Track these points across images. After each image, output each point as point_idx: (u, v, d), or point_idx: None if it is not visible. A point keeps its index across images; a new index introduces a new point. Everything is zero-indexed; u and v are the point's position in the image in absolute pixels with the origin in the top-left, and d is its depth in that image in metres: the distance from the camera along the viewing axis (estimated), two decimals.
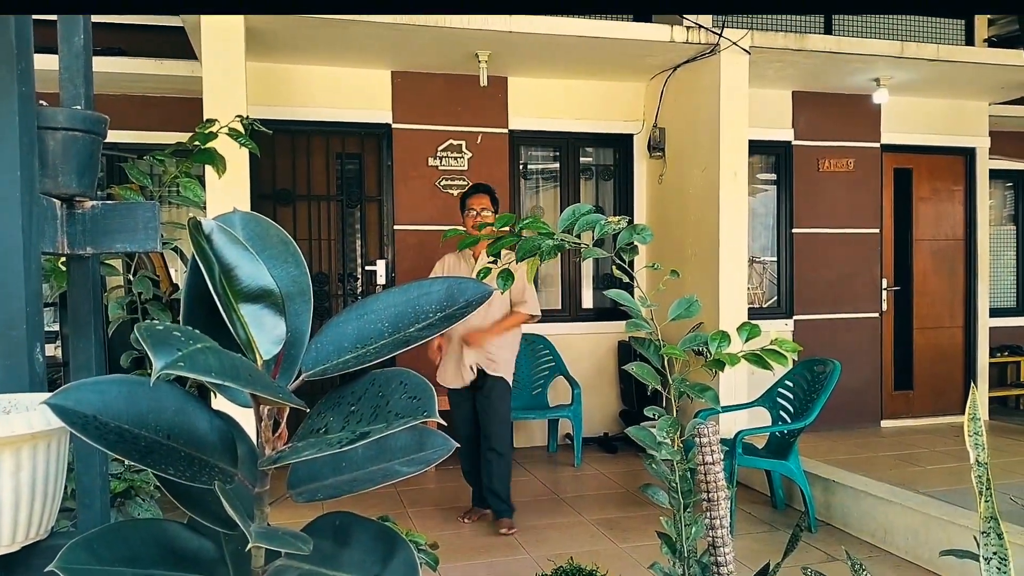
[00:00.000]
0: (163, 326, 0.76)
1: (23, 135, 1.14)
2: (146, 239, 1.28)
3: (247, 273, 0.88)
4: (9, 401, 1.10)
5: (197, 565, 0.95)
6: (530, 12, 5.42)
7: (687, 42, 5.63)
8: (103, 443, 0.80)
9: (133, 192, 2.14)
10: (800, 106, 6.92)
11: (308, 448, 0.83)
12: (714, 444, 1.74)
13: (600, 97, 6.71)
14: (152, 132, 5.98)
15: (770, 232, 7.06)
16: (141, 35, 6.06)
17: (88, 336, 1.33)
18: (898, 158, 7.26)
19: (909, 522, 4.17)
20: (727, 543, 1.74)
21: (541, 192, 7.02)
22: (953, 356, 7.52)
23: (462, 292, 0.98)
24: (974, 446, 1.84)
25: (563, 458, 6.28)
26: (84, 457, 1.28)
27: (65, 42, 1.34)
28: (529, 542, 4.36)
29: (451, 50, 5.70)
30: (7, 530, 0.99)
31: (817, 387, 4.73)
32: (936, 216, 7.44)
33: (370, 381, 0.92)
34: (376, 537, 0.95)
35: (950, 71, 6.31)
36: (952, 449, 6.20)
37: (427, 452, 1.02)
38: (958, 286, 7.51)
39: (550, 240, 1.73)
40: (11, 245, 1.13)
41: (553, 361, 6.43)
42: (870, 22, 6.85)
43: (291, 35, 5.33)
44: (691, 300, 1.67)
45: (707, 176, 5.83)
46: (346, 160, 6.48)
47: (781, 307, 6.98)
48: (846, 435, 6.67)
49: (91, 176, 1.28)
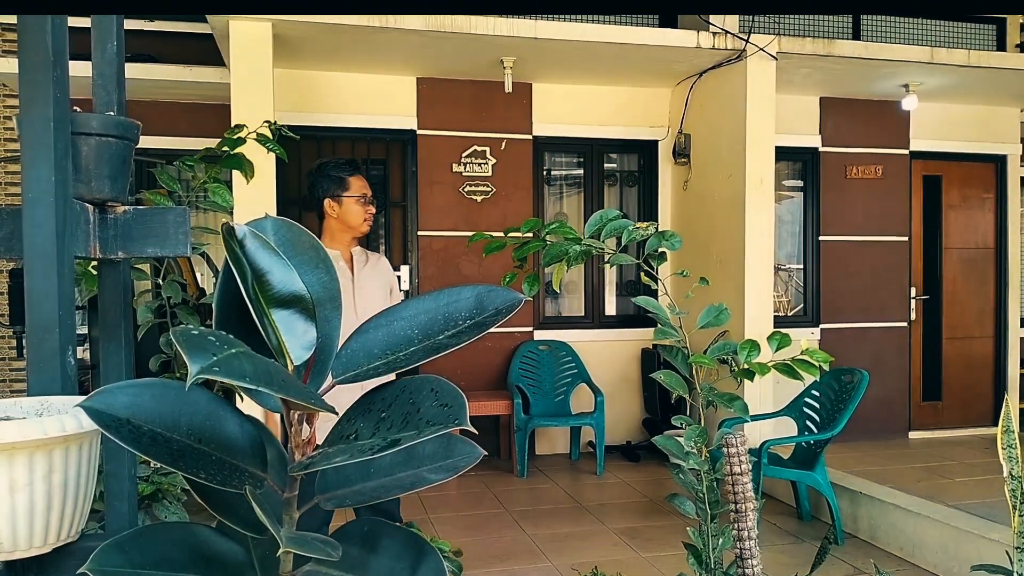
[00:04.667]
0: (198, 331, 0.76)
1: (58, 140, 1.15)
2: (177, 244, 1.28)
3: (279, 279, 0.89)
4: (42, 403, 1.11)
5: (226, 569, 0.95)
6: (552, 12, 5.42)
7: (713, 48, 5.60)
8: (136, 446, 0.80)
9: (162, 197, 2.16)
10: (828, 112, 6.86)
11: (339, 454, 0.83)
12: (742, 454, 1.72)
13: (625, 103, 6.69)
14: (181, 138, 6.05)
15: (796, 240, 7.00)
16: (171, 42, 6.14)
17: (118, 340, 1.34)
18: (927, 165, 7.17)
19: (939, 536, 4.09)
20: (755, 555, 1.72)
21: (565, 198, 7.01)
22: (983, 367, 7.39)
23: (492, 300, 0.98)
24: (1008, 459, 1.80)
25: (585, 466, 6.25)
26: (113, 459, 1.29)
27: (98, 49, 1.35)
28: (551, 550, 4.34)
29: (476, 56, 5.71)
30: (39, 532, 0.99)
31: (844, 397, 4.67)
32: (966, 224, 7.33)
33: (400, 388, 0.92)
34: (404, 544, 0.95)
35: (981, 77, 6.22)
36: (982, 461, 6.10)
37: (455, 459, 1.02)
38: (988, 295, 7.39)
39: (577, 246, 1.72)
40: (45, 249, 1.14)
41: (576, 368, 6.41)
42: (899, 27, 6.78)
43: (318, 42, 5.37)
44: (720, 308, 1.65)
45: (733, 183, 5.79)
46: (371, 166, 6.51)
47: (807, 315, 6.90)
48: (873, 446, 6.58)
49: (123, 181, 1.29)
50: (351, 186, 3.01)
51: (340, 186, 2.99)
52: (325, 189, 2.99)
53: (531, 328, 6.53)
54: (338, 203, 2.99)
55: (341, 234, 3.03)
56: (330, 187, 2.99)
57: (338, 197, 2.99)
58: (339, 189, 2.99)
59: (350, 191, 3.00)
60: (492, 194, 6.42)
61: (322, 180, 3.00)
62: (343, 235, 3.04)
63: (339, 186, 2.99)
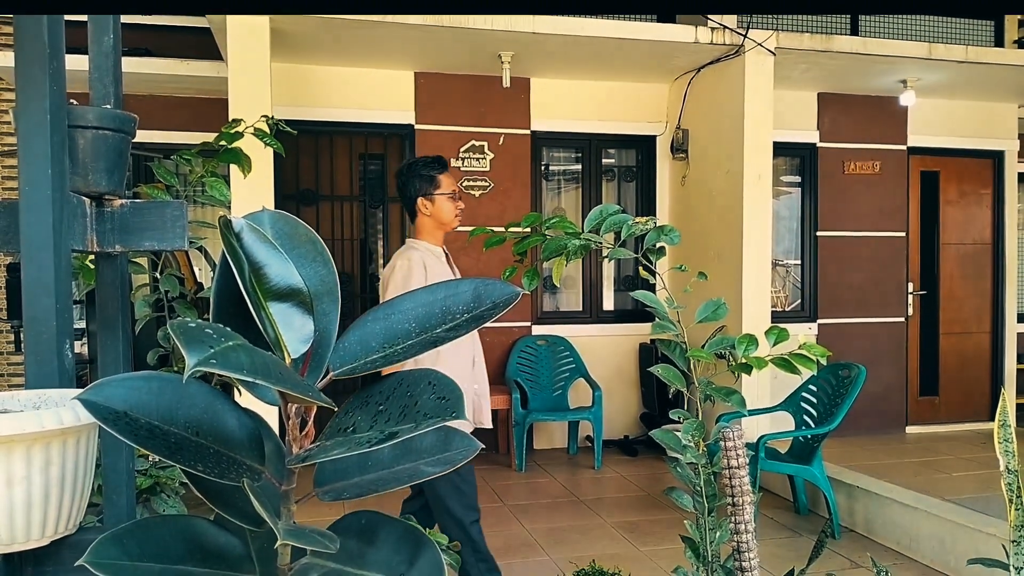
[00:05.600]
0: (195, 323, 0.76)
1: (54, 133, 1.15)
2: (174, 237, 1.28)
3: (276, 272, 0.89)
4: (39, 397, 1.11)
5: (224, 561, 0.95)
6: (552, 12, 5.41)
7: (711, 43, 5.60)
8: (133, 439, 0.80)
9: (159, 191, 2.16)
10: (825, 108, 6.86)
11: (337, 447, 0.83)
12: (739, 448, 1.72)
13: (623, 98, 6.68)
14: (178, 132, 6.04)
15: (794, 235, 7.00)
16: (168, 36, 6.12)
17: (116, 333, 1.34)
18: (925, 161, 7.18)
19: (935, 529, 4.11)
20: (752, 548, 1.72)
21: (563, 193, 7.00)
22: (980, 362, 7.41)
23: (489, 294, 0.97)
24: (1004, 453, 1.81)
25: (583, 460, 6.26)
26: (111, 453, 1.29)
27: (95, 42, 1.35)
28: (549, 544, 4.35)
29: (474, 51, 5.70)
30: (37, 525, 1.00)
31: (842, 392, 4.68)
32: (963, 220, 7.34)
33: (398, 381, 0.92)
34: (402, 537, 0.95)
35: (979, 73, 6.22)
36: (978, 456, 6.11)
37: (452, 452, 1.02)
38: (985, 291, 7.40)
39: (576, 240, 1.72)
40: (42, 242, 1.14)
41: (574, 363, 6.42)
42: (897, 23, 6.77)
43: (315, 36, 5.36)
44: (719, 303, 1.65)
45: (731, 178, 5.79)
46: (369, 160, 6.51)
47: (805, 311, 6.91)
48: (871, 440, 6.59)
49: (120, 174, 1.29)
50: (442, 184, 3.11)
51: (432, 184, 3.09)
52: (417, 188, 3.09)
53: (529, 323, 6.54)
54: (431, 201, 3.09)
55: (435, 231, 3.12)
56: (422, 186, 3.09)
57: (430, 195, 3.08)
58: (431, 187, 3.09)
59: (441, 188, 3.10)
60: (490, 189, 6.42)
61: (413, 180, 3.10)
62: (436, 231, 3.13)
63: (431, 184, 3.09)
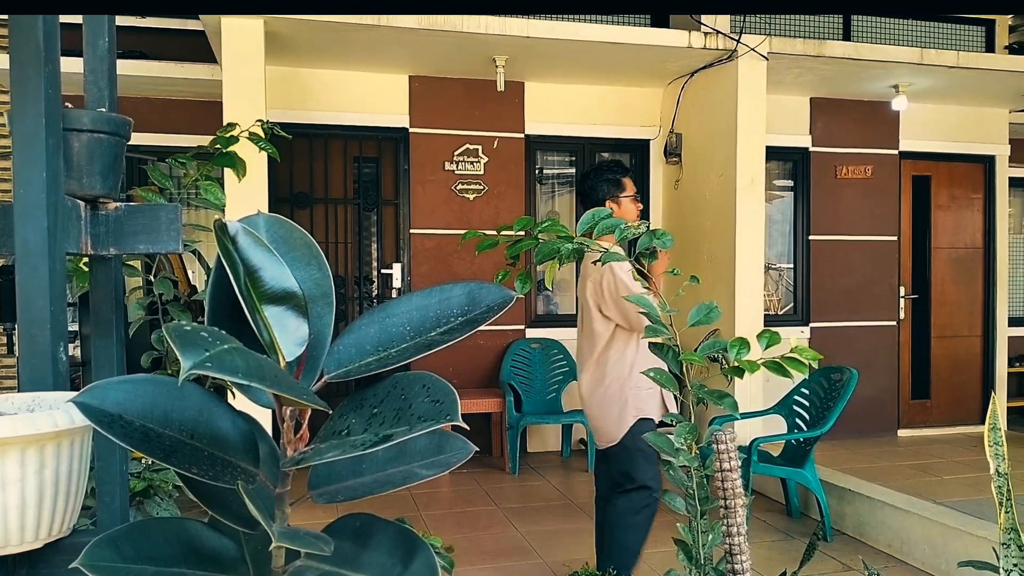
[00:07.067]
0: (190, 326, 0.77)
1: (49, 136, 1.15)
2: (168, 241, 1.28)
3: (271, 275, 0.89)
4: (33, 399, 1.11)
5: (218, 564, 0.95)
6: (543, 12, 5.43)
7: (705, 48, 5.61)
8: (128, 442, 0.80)
9: (154, 194, 2.16)
10: (818, 112, 6.89)
11: (331, 450, 0.83)
12: (732, 451, 1.73)
13: (617, 102, 6.70)
14: (173, 135, 6.03)
15: (786, 239, 7.02)
16: (162, 39, 6.12)
17: (109, 336, 1.34)
18: (917, 165, 7.21)
19: (926, 532, 4.12)
20: (744, 551, 1.73)
21: (557, 197, 7.01)
22: (971, 366, 7.44)
23: (483, 297, 0.98)
24: (994, 456, 1.82)
25: (577, 463, 6.26)
26: (105, 455, 1.29)
27: (90, 45, 1.35)
28: (543, 547, 4.35)
29: (469, 55, 5.71)
30: (30, 527, 1.00)
31: (834, 395, 4.69)
32: (955, 224, 7.38)
33: (392, 384, 0.92)
34: (396, 539, 0.95)
35: (970, 78, 6.26)
36: (970, 459, 6.14)
37: (447, 455, 1.02)
38: (976, 295, 7.44)
39: (569, 244, 1.73)
40: (36, 245, 1.14)
41: (567, 366, 6.42)
42: (889, 28, 6.81)
43: (310, 39, 5.36)
44: (711, 306, 1.66)
45: (724, 182, 5.81)
46: (363, 164, 6.50)
47: (797, 314, 6.93)
48: (862, 444, 6.61)
49: (115, 178, 1.29)
50: (626, 187, 3.28)
51: (618, 187, 3.26)
52: (606, 191, 3.24)
53: (523, 326, 6.54)
54: (617, 204, 3.23)
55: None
56: (610, 189, 3.25)
57: (617, 198, 3.24)
58: (617, 190, 3.25)
59: (626, 191, 3.27)
60: (484, 192, 6.43)
61: (602, 183, 3.26)
62: None
63: (617, 187, 3.25)
